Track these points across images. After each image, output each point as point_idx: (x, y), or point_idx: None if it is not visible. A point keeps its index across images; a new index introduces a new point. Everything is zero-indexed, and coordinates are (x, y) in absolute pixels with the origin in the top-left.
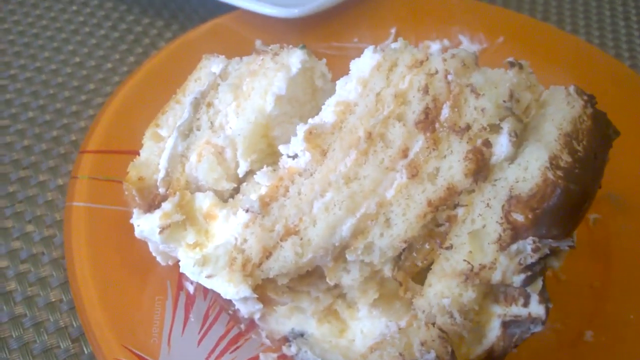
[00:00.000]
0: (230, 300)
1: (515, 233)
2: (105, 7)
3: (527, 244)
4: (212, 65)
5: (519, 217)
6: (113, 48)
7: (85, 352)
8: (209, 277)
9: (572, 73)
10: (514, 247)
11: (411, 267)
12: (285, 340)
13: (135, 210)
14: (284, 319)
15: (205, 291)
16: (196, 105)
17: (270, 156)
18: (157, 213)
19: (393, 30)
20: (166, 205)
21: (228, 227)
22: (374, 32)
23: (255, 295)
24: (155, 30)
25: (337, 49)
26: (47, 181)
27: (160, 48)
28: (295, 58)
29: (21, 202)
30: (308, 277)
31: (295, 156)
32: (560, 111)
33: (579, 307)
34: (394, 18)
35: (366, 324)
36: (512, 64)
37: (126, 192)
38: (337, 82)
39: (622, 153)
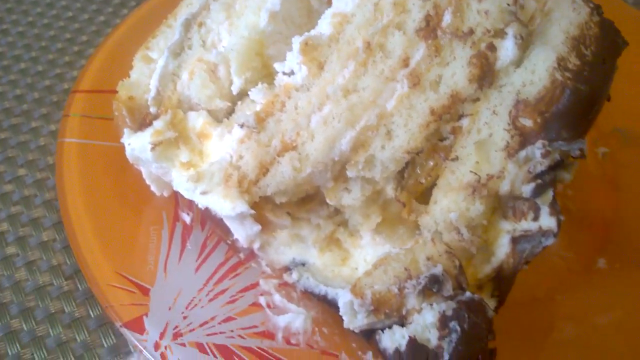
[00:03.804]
0: (228, 230)
1: (524, 139)
2: None
3: (537, 149)
4: None
5: (527, 122)
6: (106, 2)
7: (80, 288)
8: (203, 193)
9: None
10: (522, 153)
11: (415, 185)
12: (286, 269)
13: (126, 130)
14: (285, 249)
15: (203, 222)
16: (187, 25)
17: (265, 77)
18: (149, 131)
19: None
20: (158, 123)
21: (223, 146)
22: None
23: (253, 212)
24: None
25: None
26: (39, 127)
27: None
28: None
29: (13, 148)
30: (308, 202)
31: (291, 73)
32: (566, 17)
33: (590, 236)
34: None
35: (369, 252)
36: None
37: (116, 112)
38: None
39: (630, 87)
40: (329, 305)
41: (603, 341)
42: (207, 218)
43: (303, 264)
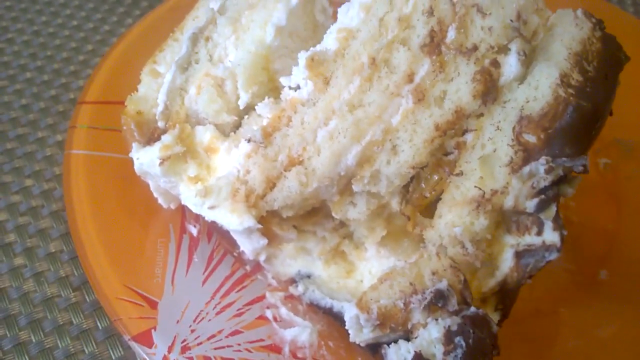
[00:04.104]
0: (235, 242)
1: (528, 155)
2: None
3: (540, 165)
4: (211, 1)
5: (530, 138)
6: (111, 11)
7: (87, 300)
8: (211, 208)
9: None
10: (526, 169)
11: (419, 199)
12: (292, 281)
13: (134, 144)
14: (290, 261)
15: (210, 234)
16: (194, 39)
17: (271, 91)
18: (157, 145)
19: None
20: (166, 138)
21: (230, 160)
22: None
23: (260, 226)
24: None
25: None
26: (45, 137)
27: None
28: None
29: (20, 158)
30: (314, 215)
31: (297, 87)
32: (568, 32)
33: (592, 248)
34: None
35: (374, 264)
36: None
37: (124, 127)
38: (339, 9)
39: (631, 99)
40: (334, 318)
41: (606, 352)
42: (213, 230)
43: (309, 276)
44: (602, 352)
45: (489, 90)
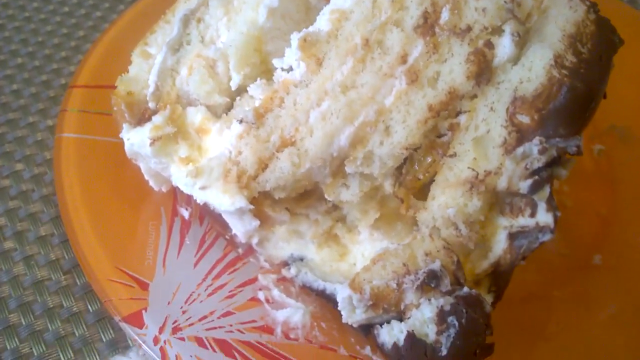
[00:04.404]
0: (227, 225)
1: (521, 135)
2: None
3: (534, 146)
4: None
5: (524, 119)
6: None
7: (78, 283)
8: (203, 188)
9: None
10: (520, 150)
11: (412, 181)
12: (285, 264)
13: (125, 125)
14: (283, 244)
15: (201, 217)
16: (186, 21)
17: (263, 73)
18: (148, 126)
19: None
20: (157, 118)
21: (221, 141)
22: None
23: (252, 207)
24: None
25: None
26: (36, 122)
27: None
28: None
29: (10, 143)
30: (306, 198)
31: (289, 69)
32: (562, 15)
33: (586, 232)
34: None
35: (367, 247)
36: None
37: (115, 107)
38: None
39: (626, 85)
40: (327, 300)
41: (599, 336)
42: (205, 213)
43: (301, 259)
44: (595, 335)
45: (483, 71)
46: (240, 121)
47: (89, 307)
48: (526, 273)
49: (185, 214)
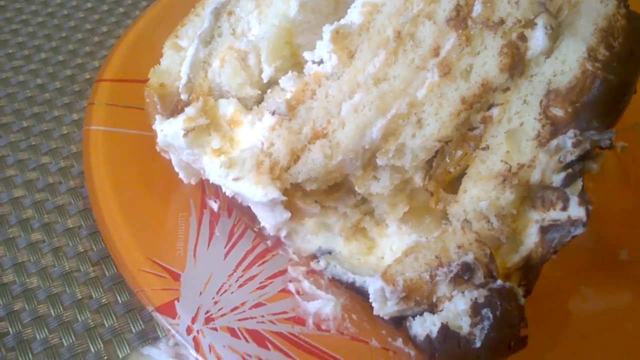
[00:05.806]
0: (255, 218)
1: (555, 128)
2: None
3: (568, 139)
4: None
5: (558, 112)
6: None
7: (107, 274)
8: (235, 179)
9: None
10: (553, 142)
11: (443, 175)
12: (313, 257)
13: (157, 117)
14: (311, 237)
15: (230, 209)
16: (217, 14)
17: (294, 66)
18: (181, 117)
19: None
20: (189, 110)
21: (253, 133)
22: None
23: (284, 198)
24: None
25: None
26: (62, 116)
27: None
28: None
29: (36, 136)
30: (336, 191)
31: (320, 62)
32: (594, 9)
33: (612, 228)
34: None
35: (395, 241)
36: None
37: (147, 99)
38: None
39: None
40: (356, 292)
41: (626, 331)
42: (233, 206)
43: (329, 252)
44: (621, 331)
45: (516, 63)
46: (273, 113)
47: (118, 298)
48: (553, 268)
49: (214, 206)
